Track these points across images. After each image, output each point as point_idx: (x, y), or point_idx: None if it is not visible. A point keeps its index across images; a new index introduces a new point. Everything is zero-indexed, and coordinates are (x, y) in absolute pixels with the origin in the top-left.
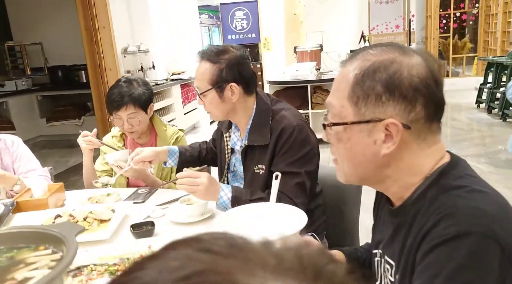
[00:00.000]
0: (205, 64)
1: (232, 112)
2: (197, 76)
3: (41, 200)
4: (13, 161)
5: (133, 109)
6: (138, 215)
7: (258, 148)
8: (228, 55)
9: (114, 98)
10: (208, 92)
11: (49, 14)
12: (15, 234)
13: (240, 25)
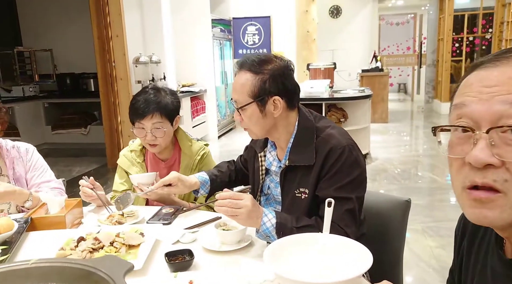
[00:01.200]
0: (246, 75)
1: (273, 129)
2: (236, 88)
3: (58, 217)
4: (26, 171)
5: (159, 119)
6: (167, 239)
7: (301, 169)
8: (271, 66)
9: (139, 106)
10: (248, 106)
11: (60, 21)
12: (48, 269)
13: (252, 40)
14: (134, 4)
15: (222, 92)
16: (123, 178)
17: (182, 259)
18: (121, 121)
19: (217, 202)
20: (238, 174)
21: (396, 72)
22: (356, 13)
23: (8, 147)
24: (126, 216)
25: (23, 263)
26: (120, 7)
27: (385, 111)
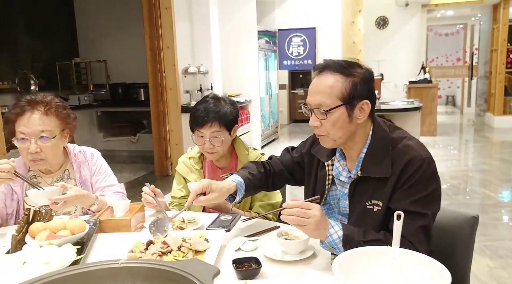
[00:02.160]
0: (335, 77)
1: (351, 137)
2: (321, 90)
3: (124, 220)
4: (91, 175)
5: (217, 128)
6: (229, 246)
7: (374, 180)
8: (361, 69)
9: (199, 114)
10: (336, 110)
11: (115, 33)
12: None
13: (297, 51)
14: (185, 16)
15: (266, 102)
16: (181, 184)
17: (249, 266)
18: (169, 130)
19: (285, 211)
20: (271, 177)
21: (445, 84)
22: (404, 24)
23: (76, 152)
24: (187, 222)
25: (113, 262)
26: (171, 19)
27: (433, 124)
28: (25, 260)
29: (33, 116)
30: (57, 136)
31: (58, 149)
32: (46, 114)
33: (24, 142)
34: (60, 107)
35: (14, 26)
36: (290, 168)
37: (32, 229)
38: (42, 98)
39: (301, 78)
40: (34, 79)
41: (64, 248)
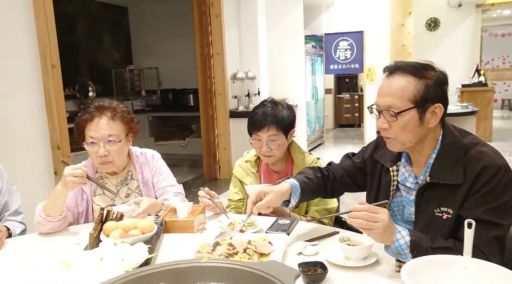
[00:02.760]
0: (406, 78)
1: (420, 141)
2: (392, 91)
3: (187, 222)
4: (153, 175)
5: (274, 131)
6: (290, 250)
7: (443, 187)
8: (435, 72)
9: (257, 118)
10: (407, 112)
11: (166, 42)
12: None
13: (344, 55)
14: (233, 23)
15: (312, 107)
16: (237, 187)
17: (314, 271)
18: (218, 134)
19: (352, 214)
20: (329, 182)
21: (501, 87)
22: (456, 25)
23: (137, 153)
24: (246, 225)
25: (195, 261)
26: (221, 26)
27: (488, 129)
28: (102, 257)
29: (101, 122)
30: (122, 140)
31: (124, 151)
32: (113, 119)
33: (93, 145)
34: (125, 113)
35: (75, 37)
36: (352, 173)
37: (105, 228)
38: (109, 104)
39: (347, 82)
40: (92, 86)
41: (137, 247)
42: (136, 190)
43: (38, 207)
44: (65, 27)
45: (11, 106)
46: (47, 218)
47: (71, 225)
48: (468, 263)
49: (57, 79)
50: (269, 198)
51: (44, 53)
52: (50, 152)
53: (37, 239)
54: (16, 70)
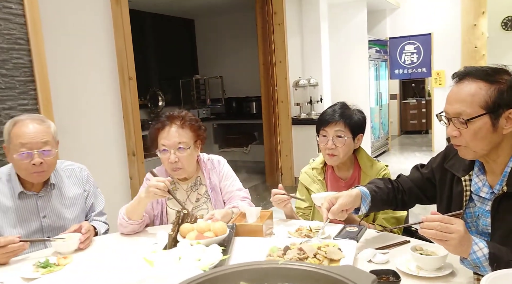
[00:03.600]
0: (477, 84)
1: (494, 149)
2: (461, 98)
3: (257, 226)
4: (220, 180)
5: (341, 127)
6: (360, 258)
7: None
8: (510, 76)
9: (326, 115)
10: (479, 119)
11: (230, 51)
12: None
13: (409, 59)
14: (296, 31)
15: (376, 113)
16: (303, 195)
17: (387, 279)
18: (280, 141)
19: (424, 224)
20: (399, 194)
21: None
22: None
23: (205, 159)
24: (314, 231)
25: (272, 263)
26: (284, 34)
27: None
28: (180, 256)
29: (171, 130)
30: (191, 147)
31: (193, 158)
32: (182, 127)
33: (165, 153)
34: (193, 121)
35: (146, 50)
36: (420, 185)
37: (182, 229)
38: (178, 114)
39: (413, 87)
40: (162, 95)
41: (211, 248)
42: (204, 195)
43: (121, 210)
44: (137, 41)
45: (93, 115)
46: (129, 221)
47: (148, 226)
48: None
49: (133, 90)
50: (342, 201)
51: (122, 67)
52: (126, 158)
53: (120, 238)
54: (98, 82)
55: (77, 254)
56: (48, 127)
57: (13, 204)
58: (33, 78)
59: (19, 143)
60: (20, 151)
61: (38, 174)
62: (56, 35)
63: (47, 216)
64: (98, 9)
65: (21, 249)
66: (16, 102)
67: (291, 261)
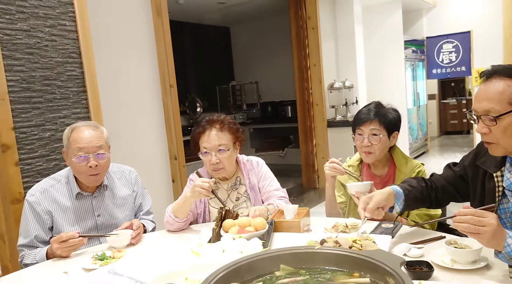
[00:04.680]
0: (505, 82)
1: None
2: (490, 96)
3: (294, 222)
4: (258, 180)
5: (377, 125)
6: (395, 252)
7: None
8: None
9: (361, 114)
10: (508, 115)
11: (265, 57)
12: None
13: (448, 58)
14: (330, 34)
15: (414, 114)
16: (340, 191)
17: (420, 269)
18: (316, 144)
19: (457, 218)
20: (433, 192)
21: None
22: None
23: (244, 161)
24: (350, 227)
25: (309, 248)
26: (318, 38)
27: None
28: (224, 249)
29: (212, 133)
30: (231, 149)
31: (232, 158)
32: (221, 130)
33: (206, 155)
34: (231, 124)
35: (184, 58)
36: (453, 183)
37: (225, 225)
38: (217, 118)
39: (453, 86)
40: (200, 102)
41: (252, 242)
42: (244, 194)
43: (168, 208)
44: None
45: (137, 121)
46: (176, 218)
47: (191, 224)
48: None
49: (174, 97)
50: (376, 199)
51: (164, 75)
52: (168, 162)
53: (167, 235)
54: (142, 90)
55: (129, 248)
56: (102, 132)
57: (71, 204)
58: (84, 88)
59: (77, 147)
60: (78, 155)
61: (94, 177)
62: (104, 47)
63: (101, 215)
64: (141, 22)
65: (80, 244)
66: (70, 111)
67: (326, 247)
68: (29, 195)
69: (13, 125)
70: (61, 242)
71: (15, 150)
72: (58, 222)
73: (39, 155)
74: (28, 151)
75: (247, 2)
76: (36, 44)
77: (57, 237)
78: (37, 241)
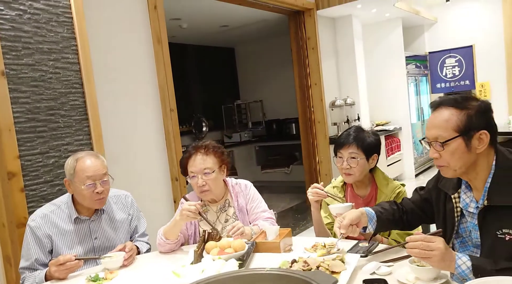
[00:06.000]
0: (449, 111)
1: (472, 167)
2: (437, 124)
3: (274, 243)
4: (246, 203)
5: (355, 149)
6: (365, 270)
7: (503, 209)
8: (476, 102)
9: (342, 137)
10: (453, 141)
11: (269, 76)
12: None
13: (451, 73)
14: (331, 52)
15: (418, 129)
16: (327, 212)
17: None
18: (319, 161)
19: (409, 244)
20: (404, 215)
21: None
22: None
23: (233, 184)
24: (327, 247)
25: (260, 269)
26: (318, 58)
27: None
28: (203, 269)
29: (197, 158)
30: (216, 171)
31: (218, 181)
32: (206, 154)
33: (194, 178)
34: (216, 148)
35: (190, 79)
36: (420, 205)
37: (207, 246)
38: (202, 143)
39: None
40: (205, 121)
41: (229, 262)
42: (233, 216)
43: (159, 231)
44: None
45: (139, 144)
46: (167, 240)
47: (183, 245)
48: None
49: (174, 120)
50: (349, 216)
51: (164, 99)
52: (170, 183)
53: (158, 256)
54: (143, 115)
55: (122, 269)
56: (103, 161)
57: (70, 228)
58: (86, 116)
59: (85, 176)
60: (87, 183)
61: (99, 201)
62: (105, 75)
63: (98, 238)
64: (142, 50)
65: (77, 266)
66: (73, 138)
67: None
68: (30, 220)
69: (19, 153)
70: (59, 265)
71: (20, 177)
72: (58, 245)
73: (43, 181)
74: (33, 177)
75: (250, 24)
76: (40, 77)
77: (55, 260)
78: (37, 263)
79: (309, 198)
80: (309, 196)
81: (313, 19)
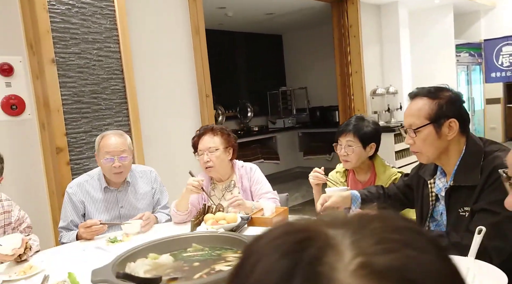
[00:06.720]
0: (422, 101)
1: (444, 153)
2: (411, 113)
3: (268, 219)
4: (251, 185)
5: (351, 137)
6: None
7: (465, 189)
8: (448, 93)
9: (342, 125)
10: (424, 128)
11: (314, 63)
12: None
13: (508, 61)
14: (375, 40)
15: None
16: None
17: None
18: None
19: None
20: (388, 199)
21: None
22: None
23: (239, 166)
24: None
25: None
26: (359, 46)
27: None
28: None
29: (205, 138)
30: (220, 150)
31: (223, 159)
32: (213, 135)
33: (201, 156)
34: (223, 130)
35: (237, 65)
36: (403, 191)
37: (205, 217)
38: (211, 126)
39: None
40: (250, 107)
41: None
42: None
43: (172, 204)
44: (229, 59)
45: (177, 128)
46: (178, 212)
47: None
48: (471, 264)
49: (210, 105)
50: (333, 199)
51: (200, 86)
52: None
53: (172, 226)
54: (180, 100)
55: (140, 235)
56: (125, 139)
57: (100, 196)
58: (125, 100)
59: (105, 151)
60: (106, 157)
61: (118, 174)
62: (145, 61)
63: (124, 206)
64: (180, 39)
65: (101, 230)
66: (113, 119)
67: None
68: (68, 187)
69: (66, 131)
70: (86, 227)
71: (66, 152)
72: (89, 210)
73: (86, 156)
74: (77, 152)
75: (294, 12)
76: (85, 64)
77: (83, 223)
78: (72, 224)
79: (310, 181)
80: (310, 179)
81: (355, 7)
